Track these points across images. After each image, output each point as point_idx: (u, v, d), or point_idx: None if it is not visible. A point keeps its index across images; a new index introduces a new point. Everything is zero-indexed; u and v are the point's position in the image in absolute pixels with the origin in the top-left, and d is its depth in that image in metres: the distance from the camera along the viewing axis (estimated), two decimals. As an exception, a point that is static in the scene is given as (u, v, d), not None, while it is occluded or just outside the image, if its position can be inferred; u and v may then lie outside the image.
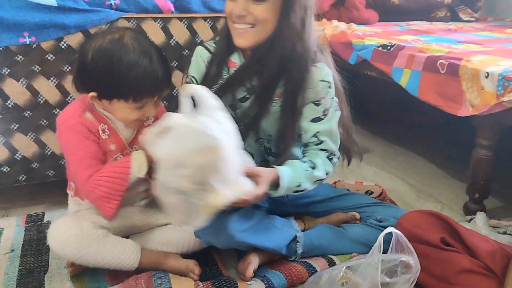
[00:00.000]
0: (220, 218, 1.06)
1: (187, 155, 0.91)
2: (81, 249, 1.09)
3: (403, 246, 0.94)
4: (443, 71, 1.47)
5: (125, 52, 1.05)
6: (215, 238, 1.12)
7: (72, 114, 1.13)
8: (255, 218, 1.17)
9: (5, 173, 1.43)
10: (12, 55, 1.32)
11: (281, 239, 1.20)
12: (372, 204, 1.38)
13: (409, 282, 0.94)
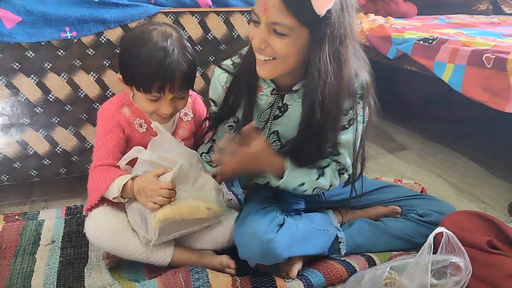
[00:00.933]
0: (266, 242, 1.06)
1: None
2: (115, 240, 1.10)
3: (453, 247, 0.90)
4: (489, 65, 1.41)
5: (146, 44, 1.07)
6: (263, 261, 1.11)
7: (109, 106, 1.19)
8: (298, 229, 1.14)
9: (46, 165, 1.46)
10: (54, 50, 1.34)
11: (323, 242, 1.19)
12: (413, 197, 1.34)
13: (459, 285, 0.90)
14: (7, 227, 1.38)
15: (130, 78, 1.11)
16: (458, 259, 0.92)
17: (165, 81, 1.08)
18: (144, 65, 1.07)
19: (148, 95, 1.11)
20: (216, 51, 1.53)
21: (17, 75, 1.34)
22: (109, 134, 1.18)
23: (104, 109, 1.20)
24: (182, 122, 1.27)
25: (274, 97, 1.14)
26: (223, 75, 1.16)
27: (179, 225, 1.09)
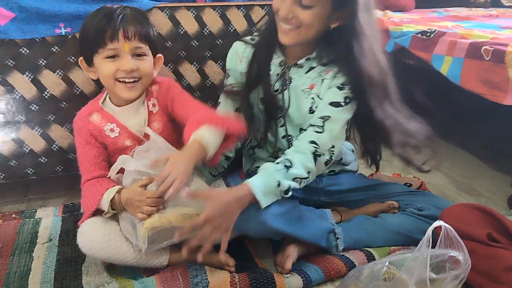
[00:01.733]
0: (251, 205, 1.05)
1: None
2: (109, 250, 1.10)
3: (452, 241, 0.90)
4: (487, 58, 1.40)
5: (98, 10, 1.13)
6: (247, 224, 1.08)
7: (79, 117, 1.21)
8: (288, 206, 1.13)
9: (43, 163, 1.45)
10: (49, 46, 1.33)
11: (316, 230, 1.17)
12: (411, 192, 1.34)
13: (459, 279, 0.89)
14: (4, 225, 1.37)
15: (87, 47, 1.12)
16: (457, 253, 0.91)
17: (116, 27, 1.08)
18: (94, 22, 1.10)
19: (105, 51, 1.10)
20: (212, 46, 1.51)
21: (11, 72, 1.32)
22: (86, 146, 1.19)
23: (75, 121, 1.21)
24: (152, 115, 1.21)
25: (281, 68, 1.23)
26: (241, 46, 1.28)
27: (170, 232, 1.07)
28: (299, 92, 1.23)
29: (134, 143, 1.19)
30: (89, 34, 1.10)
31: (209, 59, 1.53)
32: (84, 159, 1.19)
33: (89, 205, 1.13)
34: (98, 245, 1.09)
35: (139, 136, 1.20)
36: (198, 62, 1.52)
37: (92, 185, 1.15)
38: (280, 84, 1.24)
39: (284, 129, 1.28)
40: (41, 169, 1.46)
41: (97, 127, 1.18)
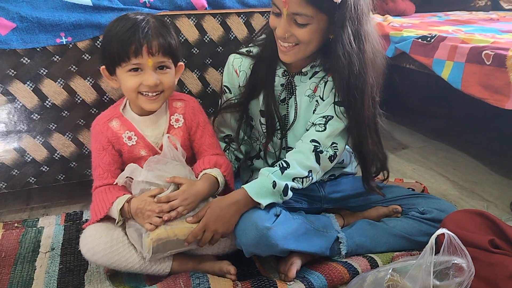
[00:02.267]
0: (262, 229, 1.05)
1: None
2: (112, 256, 1.10)
3: (455, 248, 0.89)
4: (488, 62, 1.40)
5: (120, 20, 1.10)
6: (258, 249, 1.09)
7: (99, 122, 1.20)
8: (296, 223, 1.14)
9: (45, 172, 1.45)
10: (49, 56, 1.33)
11: (323, 242, 1.18)
12: (413, 195, 1.34)
13: (462, 286, 0.89)
14: (6, 235, 1.37)
15: (110, 58, 1.10)
16: (460, 260, 0.91)
17: (140, 42, 1.06)
18: (118, 34, 1.07)
19: (128, 65, 1.08)
20: (213, 54, 1.52)
21: (13, 82, 1.33)
22: (102, 152, 1.18)
23: (94, 126, 1.20)
24: (173, 129, 1.21)
25: (285, 78, 1.23)
26: (237, 60, 1.26)
27: (175, 244, 1.08)
28: (305, 98, 1.23)
29: (149, 153, 1.19)
30: (112, 46, 1.08)
31: (210, 67, 1.53)
32: (98, 165, 1.19)
33: (98, 211, 1.13)
34: (101, 251, 1.09)
35: (155, 147, 1.20)
36: (199, 70, 1.52)
37: (103, 192, 1.15)
38: (286, 93, 1.24)
39: (284, 141, 1.28)
40: (43, 178, 1.46)
41: (115, 133, 1.18)
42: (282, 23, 1.07)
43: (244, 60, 1.26)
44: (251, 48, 1.27)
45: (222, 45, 1.52)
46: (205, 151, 1.24)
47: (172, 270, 1.14)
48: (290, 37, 1.08)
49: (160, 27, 1.10)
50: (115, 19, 1.12)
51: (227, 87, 1.30)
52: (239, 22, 1.51)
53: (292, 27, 1.07)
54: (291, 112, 1.25)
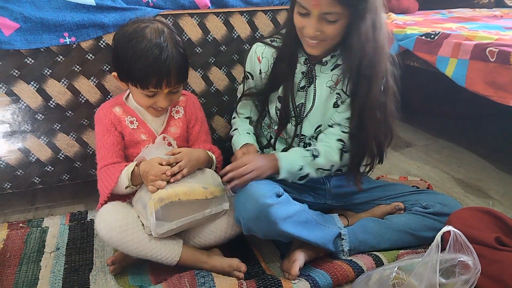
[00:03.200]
0: (262, 205, 1.07)
1: None
2: (125, 235, 1.10)
3: (461, 245, 0.89)
4: (492, 59, 1.39)
5: (140, 41, 1.10)
6: (257, 224, 1.10)
7: (102, 107, 1.25)
8: (297, 208, 1.15)
9: (49, 172, 1.45)
10: (53, 56, 1.34)
11: (324, 234, 1.18)
12: (415, 192, 1.34)
13: (469, 284, 0.88)
14: (11, 235, 1.38)
15: (126, 76, 1.15)
16: (466, 257, 0.90)
17: (161, 77, 1.11)
18: (140, 62, 1.09)
19: (145, 91, 1.14)
20: (216, 53, 1.52)
21: (17, 82, 1.33)
22: (106, 134, 1.21)
23: (98, 111, 1.24)
24: (173, 120, 1.28)
25: (306, 66, 1.25)
26: (260, 48, 1.30)
27: (178, 209, 1.10)
28: (325, 88, 1.25)
29: (149, 138, 1.24)
30: (131, 69, 1.11)
31: (213, 66, 1.53)
32: (102, 146, 1.21)
33: (107, 184, 1.15)
34: (116, 228, 1.10)
35: (155, 133, 1.25)
36: (202, 69, 1.52)
37: (110, 168, 1.18)
38: (306, 81, 1.26)
39: (299, 128, 1.29)
40: (47, 178, 1.46)
41: (118, 117, 1.22)
42: (312, 23, 1.10)
43: (267, 48, 1.29)
44: (275, 38, 1.31)
45: (225, 44, 1.52)
46: (199, 146, 1.30)
47: (181, 259, 1.14)
48: (319, 34, 1.12)
49: (179, 57, 1.13)
50: (131, 32, 1.11)
51: (250, 73, 1.33)
52: (242, 21, 1.51)
53: (322, 25, 1.10)
54: (308, 100, 1.26)
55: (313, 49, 1.17)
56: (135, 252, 1.12)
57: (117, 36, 1.15)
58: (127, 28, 1.13)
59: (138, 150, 1.23)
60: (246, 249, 1.28)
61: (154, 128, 1.25)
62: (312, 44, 1.15)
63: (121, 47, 1.13)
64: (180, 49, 1.14)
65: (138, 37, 1.10)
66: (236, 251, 1.23)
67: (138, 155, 1.20)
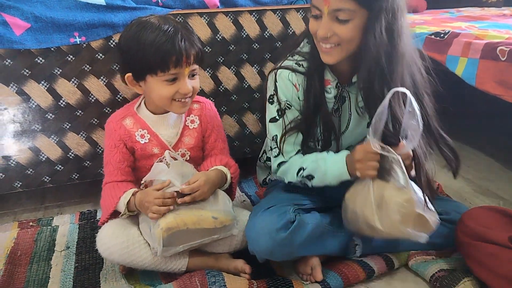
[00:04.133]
0: (275, 240, 1.06)
1: None
2: (128, 256, 1.11)
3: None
4: (503, 58, 1.39)
5: (149, 27, 1.08)
6: (272, 257, 1.11)
7: (112, 119, 1.22)
8: (310, 227, 1.11)
9: (59, 171, 1.46)
10: (63, 55, 1.34)
11: (338, 243, 1.17)
12: None
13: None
14: (21, 233, 1.38)
15: (143, 67, 1.10)
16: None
17: (180, 54, 1.08)
18: (155, 46, 1.07)
19: (166, 76, 1.09)
20: (225, 52, 1.51)
21: (27, 82, 1.33)
22: (114, 150, 1.20)
23: (108, 123, 1.22)
24: (187, 130, 1.24)
25: (338, 89, 1.17)
26: (293, 75, 1.15)
27: (186, 236, 1.08)
28: (358, 109, 1.19)
29: (161, 151, 1.20)
30: (148, 55, 1.07)
31: (222, 65, 1.53)
32: (109, 161, 1.21)
33: (107, 207, 1.16)
34: (117, 251, 1.10)
35: (168, 146, 1.21)
36: (211, 68, 1.52)
37: (111, 188, 1.18)
38: (339, 105, 1.19)
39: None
40: (57, 177, 1.47)
41: (128, 131, 1.19)
42: (323, 23, 1.03)
43: (298, 75, 1.16)
44: (297, 58, 1.18)
45: (235, 43, 1.51)
46: (215, 155, 1.26)
47: (188, 268, 1.15)
48: (332, 36, 1.03)
49: (190, 35, 1.12)
50: (136, 26, 1.10)
51: (288, 103, 1.17)
52: (251, 20, 1.51)
53: (333, 25, 1.02)
54: (343, 123, 1.21)
55: (327, 56, 1.08)
56: (140, 267, 1.14)
57: (123, 35, 1.14)
58: (131, 27, 1.12)
59: (151, 162, 1.19)
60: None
61: (167, 140, 1.21)
62: (326, 49, 1.06)
63: (130, 42, 1.10)
64: (190, 29, 1.14)
65: (146, 25, 1.09)
66: (246, 250, 1.23)
67: (146, 176, 1.17)
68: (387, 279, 1.16)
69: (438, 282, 1.09)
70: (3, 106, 1.34)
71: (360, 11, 1.00)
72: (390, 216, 1.01)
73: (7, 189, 1.43)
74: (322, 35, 1.04)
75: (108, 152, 1.21)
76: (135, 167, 1.24)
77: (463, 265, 1.12)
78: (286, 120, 1.17)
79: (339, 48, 1.05)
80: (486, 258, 1.03)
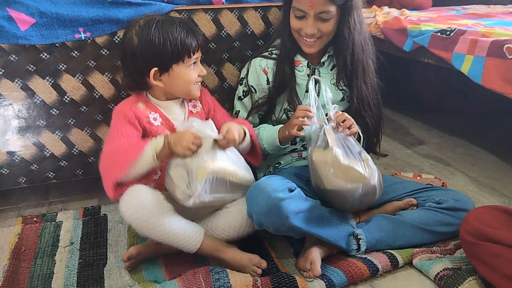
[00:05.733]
0: (274, 199, 1.07)
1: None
2: (152, 216, 1.10)
3: None
4: (510, 56, 1.38)
5: (161, 24, 1.18)
6: (268, 218, 1.10)
7: (125, 103, 1.26)
8: (309, 204, 1.15)
9: (63, 167, 1.46)
10: (68, 51, 1.34)
11: (337, 232, 1.18)
12: (427, 189, 1.33)
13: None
14: (26, 229, 1.39)
15: (172, 57, 1.18)
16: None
17: (197, 41, 1.22)
18: (180, 36, 1.18)
19: (191, 60, 1.21)
20: (230, 48, 1.51)
21: (32, 77, 1.33)
22: (127, 125, 1.19)
23: (118, 108, 1.24)
24: (192, 114, 1.30)
25: (309, 68, 1.37)
26: (263, 61, 1.38)
27: (218, 186, 1.13)
28: (330, 86, 1.36)
29: None
30: (175, 45, 1.17)
31: (227, 61, 1.52)
32: (121, 134, 1.18)
33: (126, 158, 1.10)
34: (143, 210, 1.09)
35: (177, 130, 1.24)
36: (216, 65, 1.52)
37: (124, 147, 1.15)
38: (312, 82, 1.30)
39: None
40: (61, 172, 1.47)
41: (142, 113, 1.23)
42: (310, 23, 1.24)
43: (268, 60, 1.37)
44: (271, 51, 1.39)
45: (239, 39, 1.51)
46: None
47: (201, 247, 1.15)
48: (316, 33, 1.26)
49: (193, 26, 1.27)
50: (151, 24, 1.17)
51: (253, 87, 1.39)
52: (256, 17, 1.50)
53: (318, 24, 1.25)
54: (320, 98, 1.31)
55: (310, 48, 1.30)
56: (158, 234, 1.11)
57: (138, 37, 1.17)
58: (135, 27, 1.19)
59: None
60: (259, 245, 1.28)
61: (177, 124, 1.25)
62: (309, 43, 1.29)
63: (152, 38, 1.16)
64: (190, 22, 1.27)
65: (156, 22, 1.18)
66: (250, 247, 1.23)
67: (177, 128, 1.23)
68: (391, 277, 1.16)
69: (442, 280, 1.09)
70: (8, 101, 1.34)
71: (337, 9, 1.24)
72: (325, 173, 1.16)
73: (11, 185, 1.44)
74: (310, 32, 1.26)
75: (119, 126, 1.19)
76: None
77: (468, 264, 1.12)
78: (251, 100, 1.40)
79: (320, 40, 1.29)
80: (491, 258, 1.03)
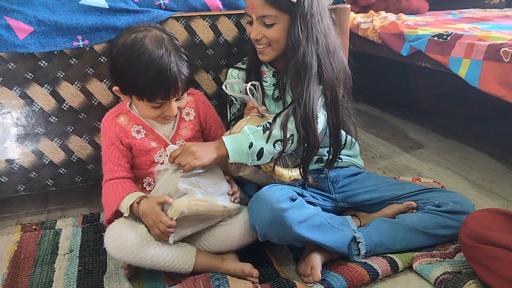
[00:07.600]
0: (276, 210, 1.08)
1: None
2: (138, 253, 1.10)
3: None
4: (506, 60, 1.38)
5: (142, 53, 1.08)
6: (272, 229, 1.10)
7: (106, 119, 1.25)
8: (311, 212, 1.15)
9: (62, 174, 1.46)
10: (67, 59, 1.34)
11: (339, 238, 1.17)
12: (426, 190, 1.33)
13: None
14: (25, 237, 1.39)
15: (131, 89, 1.13)
16: None
17: (169, 88, 1.10)
18: (146, 76, 1.08)
19: (152, 103, 1.13)
20: (228, 55, 1.51)
21: (30, 85, 1.34)
22: (111, 147, 1.22)
23: (103, 121, 1.25)
24: (184, 122, 1.28)
25: (275, 78, 1.34)
26: (235, 71, 1.39)
27: (194, 220, 1.13)
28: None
29: (159, 144, 1.24)
30: (138, 84, 1.09)
31: (225, 68, 1.53)
32: (107, 159, 1.22)
33: (109, 206, 1.17)
34: (127, 248, 1.09)
35: (165, 139, 1.24)
36: (214, 71, 1.52)
37: (114, 186, 1.19)
38: (279, 92, 1.34)
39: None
40: (60, 180, 1.47)
41: (123, 128, 1.22)
42: (254, 27, 1.23)
43: (240, 71, 1.38)
44: (244, 60, 1.40)
45: (237, 45, 1.51)
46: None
47: (195, 268, 1.15)
48: (262, 38, 1.23)
49: (183, 65, 1.12)
50: (130, 44, 1.09)
51: (232, 97, 1.39)
52: (254, 23, 1.51)
53: (262, 29, 1.22)
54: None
55: (262, 55, 1.27)
56: (148, 266, 1.12)
57: (116, 49, 1.12)
58: (125, 39, 1.11)
59: (150, 158, 1.24)
60: (260, 251, 1.28)
61: (164, 134, 1.25)
62: (260, 49, 1.27)
63: (122, 62, 1.10)
64: (182, 55, 1.13)
65: (140, 49, 1.08)
66: (250, 253, 1.23)
67: (154, 187, 1.18)
68: (391, 281, 1.16)
69: (443, 284, 1.09)
70: (7, 109, 1.34)
71: (282, 15, 1.19)
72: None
73: (10, 193, 1.43)
74: (253, 37, 1.25)
75: (106, 150, 1.23)
76: (133, 164, 1.26)
77: (467, 268, 1.12)
78: (232, 110, 1.42)
79: (270, 47, 1.25)
80: (490, 261, 1.03)
